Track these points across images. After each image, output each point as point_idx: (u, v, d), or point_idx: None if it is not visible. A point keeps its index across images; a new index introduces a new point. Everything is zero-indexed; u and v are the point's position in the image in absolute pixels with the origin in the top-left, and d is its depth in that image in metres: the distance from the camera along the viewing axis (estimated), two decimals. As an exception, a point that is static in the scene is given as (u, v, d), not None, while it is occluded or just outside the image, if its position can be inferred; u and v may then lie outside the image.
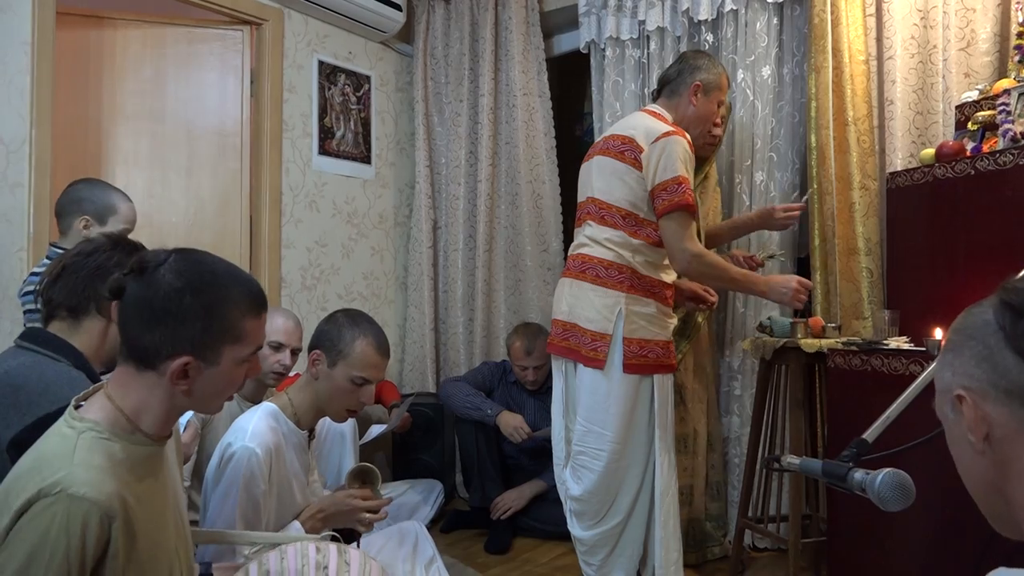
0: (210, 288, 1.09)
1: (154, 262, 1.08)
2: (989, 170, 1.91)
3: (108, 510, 0.97)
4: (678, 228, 2.02)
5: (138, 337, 1.07)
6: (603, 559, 2.13)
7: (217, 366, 1.10)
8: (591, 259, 2.13)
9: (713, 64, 2.25)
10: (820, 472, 1.09)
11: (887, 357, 1.89)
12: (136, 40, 3.33)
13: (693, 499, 2.70)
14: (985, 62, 2.36)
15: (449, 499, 3.44)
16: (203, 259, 1.13)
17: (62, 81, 2.86)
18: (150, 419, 1.10)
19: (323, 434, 2.61)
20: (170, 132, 3.33)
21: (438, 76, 3.80)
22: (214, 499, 1.59)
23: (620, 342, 2.04)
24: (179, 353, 1.06)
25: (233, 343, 1.11)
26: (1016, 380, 0.71)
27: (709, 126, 2.29)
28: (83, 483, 0.96)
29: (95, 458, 1.01)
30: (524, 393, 3.23)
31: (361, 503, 1.79)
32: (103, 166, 3.48)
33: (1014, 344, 0.71)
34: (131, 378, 1.09)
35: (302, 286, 3.41)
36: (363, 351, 1.74)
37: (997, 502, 0.77)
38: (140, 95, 3.29)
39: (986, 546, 1.55)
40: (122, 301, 1.08)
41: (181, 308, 1.06)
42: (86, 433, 1.03)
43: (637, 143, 2.08)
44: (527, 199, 3.55)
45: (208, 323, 1.08)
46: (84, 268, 1.54)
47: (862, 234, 2.48)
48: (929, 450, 1.15)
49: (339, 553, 1.29)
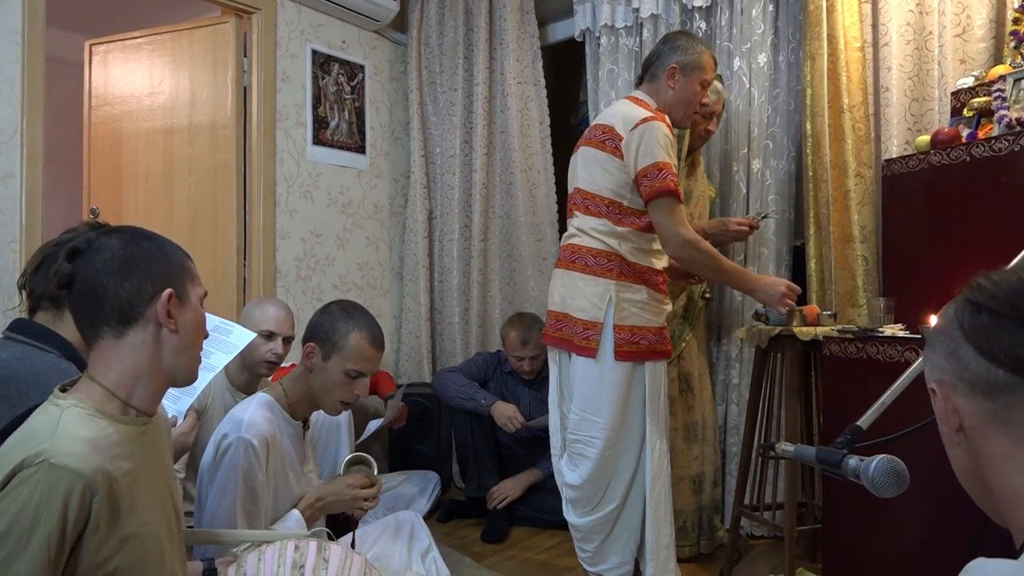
0: (149, 236, 1.15)
1: (85, 240, 1.11)
2: (985, 157, 1.90)
3: (90, 482, 0.97)
4: (666, 213, 2.02)
5: (116, 293, 1.08)
6: (598, 545, 2.13)
7: (189, 301, 1.15)
8: (580, 249, 2.13)
9: (692, 43, 2.20)
10: (814, 459, 1.09)
11: (882, 345, 1.89)
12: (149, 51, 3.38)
13: (704, 487, 2.70)
14: (981, 48, 2.35)
15: (445, 489, 3.45)
16: (118, 226, 1.19)
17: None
18: (141, 387, 1.11)
19: (319, 425, 2.60)
20: (164, 124, 3.33)
21: (432, 65, 3.78)
22: (212, 491, 1.58)
23: (611, 330, 2.04)
24: (160, 288, 1.10)
25: (191, 280, 1.17)
26: (975, 373, 0.74)
27: (695, 107, 2.24)
28: (65, 454, 0.96)
29: (79, 430, 1.01)
30: (519, 383, 3.22)
31: (358, 492, 1.79)
32: (95, 160, 3.50)
33: (972, 339, 0.74)
34: (112, 349, 1.10)
35: (297, 276, 3.40)
36: (357, 344, 1.73)
37: (981, 490, 0.80)
38: (152, 98, 3.31)
39: (981, 531, 1.55)
40: (76, 282, 1.09)
41: (144, 251, 1.11)
42: (70, 409, 1.04)
43: (616, 131, 2.07)
44: (522, 188, 3.53)
45: (168, 260, 1.14)
46: None
47: (857, 222, 2.48)
48: (923, 436, 1.15)
49: (318, 551, 1.29)
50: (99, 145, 3.50)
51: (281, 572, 1.24)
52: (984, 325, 0.74)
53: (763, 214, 2.73)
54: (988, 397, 0.73)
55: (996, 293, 0.74)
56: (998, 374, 0.72)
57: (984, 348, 0.73)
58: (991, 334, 0.73)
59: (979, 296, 0.75)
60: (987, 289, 0.75)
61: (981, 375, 0.73)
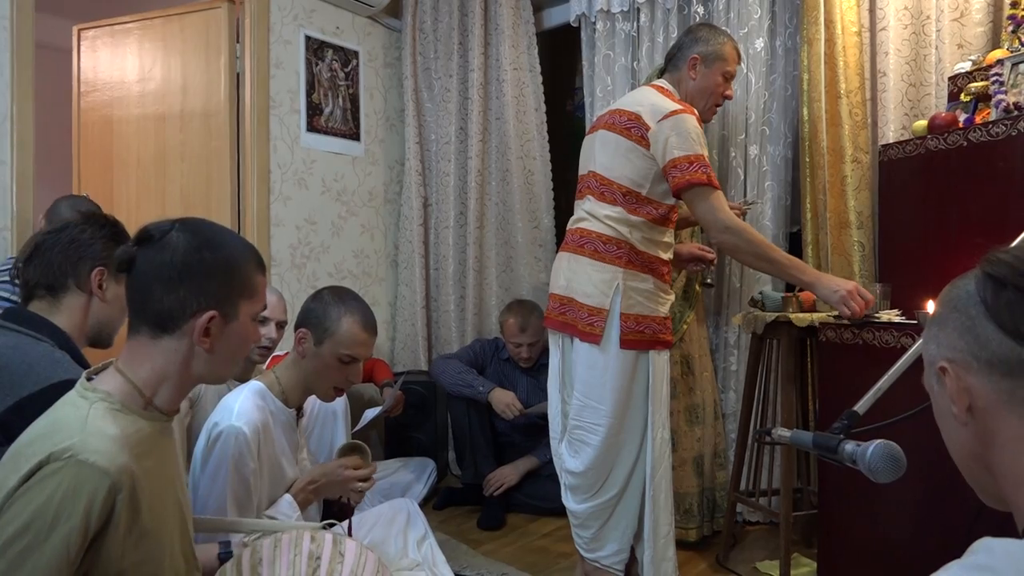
0: (223, 246, 1.13)
1: (160, 231, 1.09)
2: (982, 141, 1.89)
3: (116, 481, 0.96)
4: (703, 201, 1.99)
5: (160, 300, 1.07)
6: (595, 532, 2.13)
7: (236, 320, 1.13)
8: (589, 233, 2.10)
9: (715, 35, 2.19)
10: (811, 444, 1.08)
11: (879, 331, 1.89)
12: (140, 36, 3.32)
13: (704, 469, 2.71)
14: (978, 32, 2.33)
15: (442, 476, 3.45)
16: (205, 222, 1.16)
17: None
18: (165, 390, 1.10)
19: (314, 412, 2.59)
20: (156, 111, 3.29)
21: (427, 51, 3.75)
22: (204, 480, 1.57)
23: (617, 317, 2.03)
24: (204, 308, 1.08)
25: (248, 297, 1.15)
26: (996, 351, 0.71)
27: (717, 99, 2.22)
28: (94, 451, 0.96)
29: (108, 427, 1.00)
30: (517, 370, 3.22)
31: (352, 472, 1.79)
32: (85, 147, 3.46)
33: (995, 315, 0.71)
34: (145, 348, 1.09)
35: (292, 264, 3.39)
36: (350, 329, 1.72)
37: (981, 473, 0.78)
38: (143, 84, 3.27)
39: (976, 516, 1.55)
40: (134, 271, 1.08)
41: (202, 265, 1.09)
42: (98, 403, 1.03)
43: (644, 120, 2.04)
44: (518, 175, 3.51)
45: (227, 277, 1.11)
46: (58, 244, 1.52)
47: (854, 207, 2.47)
48: (919, 421, 1.14)
49: (334, 544, 1.28)
50: (89, 132, 3.46)
51: (298, 562, 1.23)
52: (1009, 301, 0.71)
53: (749, 201, 2.71)
54: (1007, 376, 0.71)
55: (1021, 268, 0.71)
56: (1021, 352, 0.69)
57: (1007, 325, 0.70)
58: (1016, 310, 0.70)
59: (1002, 270, 0.72)
60: (1010, 264, 0.72)
61: (1002, 353, 0.71)
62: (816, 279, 1.98)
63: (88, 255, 1.53)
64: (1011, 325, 0.70)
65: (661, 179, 2.04)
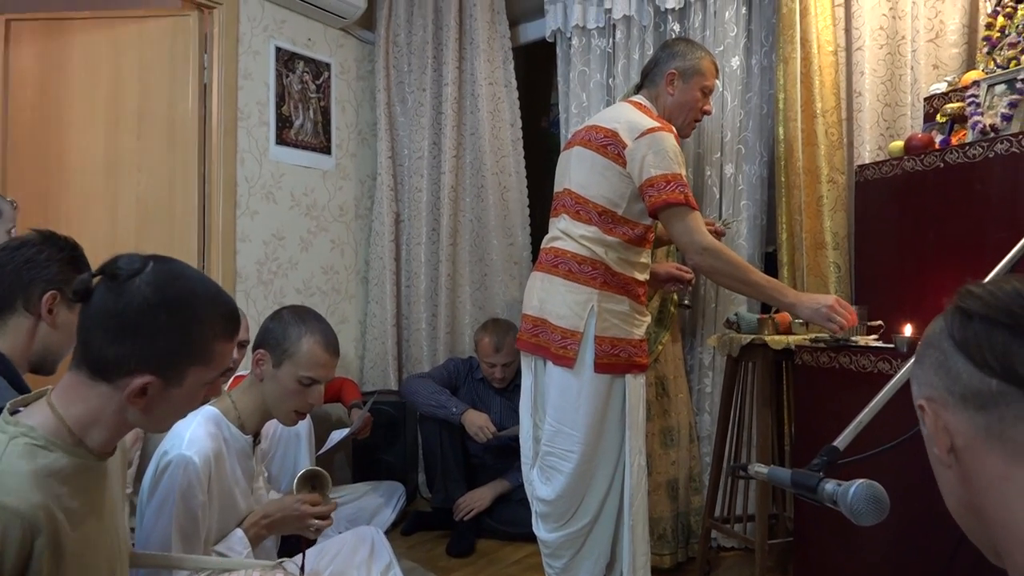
0: (187, 307, 1.03)
1: (128, 270, 1.00)
2: (958, 163, 1.87)
3: (32, 522, 0.89)
4: (680, 222, 1.93)
5: (100, 348, 0.99)
6: (567, 562, 2.06)
7: (179, 387, 1.04)
8: (564, 253, 2.05)
9: (692, 49, 2.15)
10: (789, 483, 1.03)
11: (855, 355, 1.85)
12: (87, 34, 3.16)
13: (679, 493, 2.65)
14: (954, 54, 2.33)
15: (412, 499, 3.36)
16: (182, 273, 1.06)
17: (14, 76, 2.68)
18: (97, 433, 1.02)
19: (277, 434, 2.51)
20: (106, 115, 3.15)
21: (401, 64, 3.69)
22: (149, 511, 1.48)
23: (592, 340, 1.97)
24: (142, 371, 1.00)
25: (201, 365, 1.06)
26: (968, 384, 0.69)
27: (695, 114, 2.18)
28: (6, 491, 0.88)
29: (24, 465, 0.93)
30: (491, 391, 3.15)
31: (309, 508, 1.70)
32: (17, 149, 3.22)
33: (963, 348, 0.70)
34: (81, 387, 1.01)
35: (258, 280, 3.29)
36: (310, 350, 1.65)
37: (973, 522, 0.73)
38: (91, 84, 3.13)
39: (956, 546, 1.51)
40: (87, 305, 1.00)
41: (154, 325, 1.00)
42: (18, 439, 0.95)
43: (621, 137, 1.98)
44: (493, 191, 3.46)
45: (179, 344, 1.02)
46: (11, 263, 1.45)
47: (830, 228, 2.44)
48: (898, 450, 1.09)
49: None
50: (20, 131, 3.16)
51: None
52: (975, 332, 0.69)
53: (727, 222, 2.68)
54: (981, 410, 0.68)
55: (988, 300, 0.69)
56: (991, 384, 0.67)
57: (975, 356, 0.68)
58: (983, 341, 0.68)
59: (970, 303, 0.71)
60: (979, 296, 0.70)
61: (973, 386, 0.68)
62: (797, 299, 1.94)
63: (41, 277, 1.46)
64: (979, 357, 0.68)
65: (638, 198, 1.99)
